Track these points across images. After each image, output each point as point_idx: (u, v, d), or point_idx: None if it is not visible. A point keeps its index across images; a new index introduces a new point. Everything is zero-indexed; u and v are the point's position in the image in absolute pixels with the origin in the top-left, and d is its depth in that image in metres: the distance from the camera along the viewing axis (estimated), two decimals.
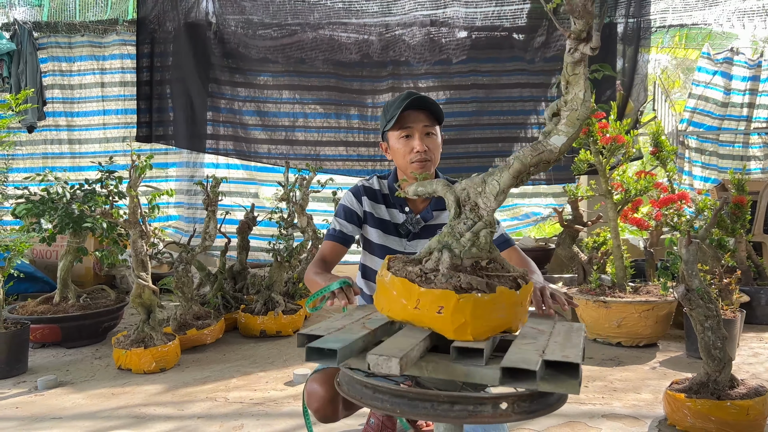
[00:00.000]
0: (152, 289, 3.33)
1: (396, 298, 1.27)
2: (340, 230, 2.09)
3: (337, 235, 2.08)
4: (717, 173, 6.56)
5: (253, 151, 5.75)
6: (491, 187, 1.32)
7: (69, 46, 6.02)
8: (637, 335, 3.64)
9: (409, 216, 2.07)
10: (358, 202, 2.12)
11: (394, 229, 2.10)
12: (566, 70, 1.24)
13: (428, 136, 1.96)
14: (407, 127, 1.95)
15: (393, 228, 2.10)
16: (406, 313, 1.26)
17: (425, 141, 1.95)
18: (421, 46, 5.73)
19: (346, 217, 2.10)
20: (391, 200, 2.10)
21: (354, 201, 2.12)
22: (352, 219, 2.10)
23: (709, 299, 2.38)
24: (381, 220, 2.10)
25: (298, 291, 4.54)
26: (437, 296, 1.22)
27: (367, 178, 2.19)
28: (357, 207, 2.11)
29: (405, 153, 1.97)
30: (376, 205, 2.11)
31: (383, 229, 2.10)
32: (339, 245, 2.08)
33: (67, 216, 3.63)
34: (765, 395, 2.33)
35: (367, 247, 2.17)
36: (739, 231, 4.07)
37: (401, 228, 2.08)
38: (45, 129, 6.12)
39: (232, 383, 3.10)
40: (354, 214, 2.10)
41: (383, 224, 2.10)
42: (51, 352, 3.70)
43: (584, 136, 3.78)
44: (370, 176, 2.19)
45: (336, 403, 1.79)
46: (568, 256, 4.48)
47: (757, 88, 6.63)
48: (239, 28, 5.59)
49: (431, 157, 1.97)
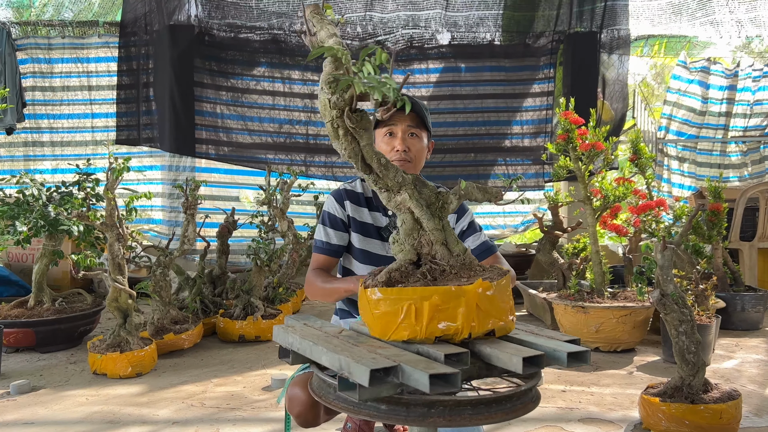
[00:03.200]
0: (129, 293, 3.29)
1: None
2: (326, 242, 2.05)
3: (324, 248, 2.06)
4: (695, 181, 6.65)
5: (237, 154, 5.72)
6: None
7: (48, 48, 5.95)
8: (615, 340, 3.66)
9: (392, 219, 2.04)
10: (341, 206, 2.07)
11: (377, 233, 2.06)
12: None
13: (411, 136, 1.96)
14: (390, 125, 1.95)
15: (375, 231, 2.06)
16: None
17: (407, 141, 1.95)
18: (403, 53, 5.77)
19: (331, 224, 2.07)
20: (374, 203, 2.07)
21: (337, 206, 2.08)
22: (337, 225, 2.06)
23: (684, 304, 2.41)
24: (363, 224, 2.07)
25: (278, 296, 4.51)
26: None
27: (349, 182, 2.15)
28: (340, 212, 2.07)
29: (387, 152, 1.96)
30: (358, 209, 2.07)
31: (365, 233, 2.06)
32: (329, 258, 2.06)
33: (42, 218, 3.58)
34: (738, 399, 2.36)
35: (348, 250, 2.12)
36: (715, 238, 4.12)
37: (384, 231, 2.05)
38: (26, 131, 6.04)
39: (209, 388, 3.07)
40: (338, 220, 2.07)
41: (365, 228, 2.06)
42: (25, 357, 3.64)
43: (564, 143, 3.82)
44: (352, 179, 2.15)
45: (317, 408, 1.77)
46: (548, 261, 4.51)
47: (734, 98, 6.75)
48: (222, 31, 5.57)
49: (412, 158, 1.95)
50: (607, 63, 5.69)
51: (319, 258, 2.07)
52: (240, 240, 5.35)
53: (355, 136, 1.28)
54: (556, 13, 5.64)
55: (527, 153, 5.92)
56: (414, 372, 1.05)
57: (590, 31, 5.62)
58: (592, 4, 5.58)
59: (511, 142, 5.93)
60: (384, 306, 1.22)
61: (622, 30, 5.66)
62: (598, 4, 5.56)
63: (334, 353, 1.14)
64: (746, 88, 6.73)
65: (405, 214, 1.34)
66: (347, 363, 1.09)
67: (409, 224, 1.34)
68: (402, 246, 1.34)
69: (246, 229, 5.01)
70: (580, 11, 5.61)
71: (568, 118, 3.78)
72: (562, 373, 3.26)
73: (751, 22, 5.88)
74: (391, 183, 1.33)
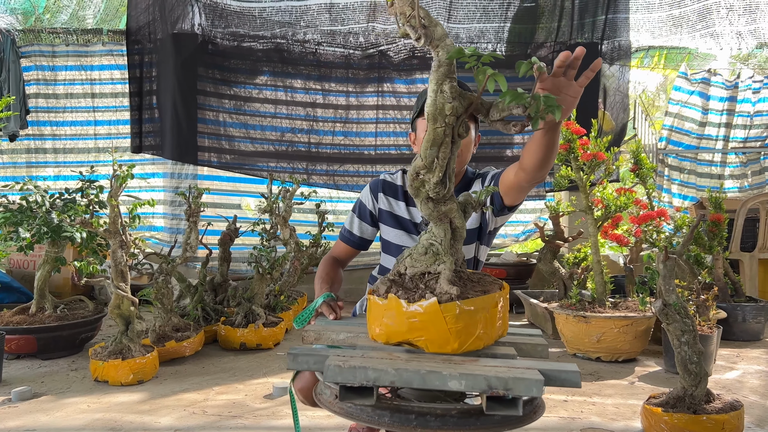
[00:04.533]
0: (131, 300, 3.30)
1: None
2: (350, 231, 2.04)
3: (346, 236, 2.04)
4: (695, 191, 6.67)
5: (240, 162, 5.74)
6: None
7: (52, 55, 5.98)
8: (617, 350, 3.66)
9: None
10: (374, 198, 2.03)
11: (415, 229, 1.99)
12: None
13: None
14: None
15: (413, 227, 2.00)
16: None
17: None
18: (405, 62, 5.81)
19: (360, 214, 2.04)
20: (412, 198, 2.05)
21: (370, 197, 2.04)
22: (365, 216, 2.03)
23: (686, 314, 2.42)
24: (399, 219, 2.01)
25: (280, 303, 4.51)
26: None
27: (391, 172, 2.09)
28: (371, 204, 2.03)
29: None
30: (395, 202, 2.01)
31: (403, 228, 2.00)
32: (350, 248, 2.04)
33: (45, 225, 3.59)
34: (740, 410, 2.36)
35: (384, 248, 2.06)
36: (716, 248, 4.13)
37: (420, 227, 1.99)
38: (28, 138, 6.06)
39: (210, 395, 3.07)
40: (366, 211, 2.03)
41: (401, 223, 2.00)
42: (26, 364, 3.64)
43: (565, 152, 3.83)
44: (395, 171, 2.09)
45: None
46: (549, 271, 4.51)
47: (734, 109, 6.78)
48: (225, 40, 5.60)
49: (460, 152, 1.84)
50: (607, 74, 5.72)
51: (339, 246, 2.05)
52: (242, 248, 5.36)
53: (454, 144, 1.24)
54: (557, 25, 5.68)
55: None
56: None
57: (591, 42, 5.65)
58: (593, 17, 5.62)
59: (512, 152, 5.95)
60: (466, 318, 1.20)
61: (623, 41, 5.69)
62: (599, 17, 5.60)
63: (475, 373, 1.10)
64: (746, 99, 6.77)
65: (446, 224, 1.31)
66: (504, 380, 1.08)
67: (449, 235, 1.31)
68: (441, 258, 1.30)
69: (248, 237, 5.02)
70: (581, 23, 5.65)
71: (569, 128, 3.80)
72: None
73: (751, 34, 5.91)
74: (446, 192, 1.29)
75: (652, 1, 5.74)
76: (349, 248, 2.05)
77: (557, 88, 1.31)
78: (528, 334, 1.50)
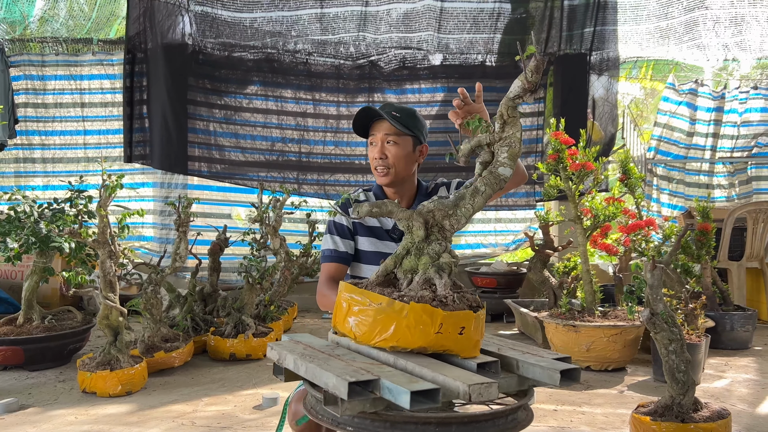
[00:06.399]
0: (120, 311, 3.28)
1: (413, 325, 1.23)
2: (335, 250, 2.13)
3: (333, 256, 2.13)
4: (684, 201, 6.72)
5: (230, 172, 5.73)
6: (464, 211, 1.38)
7: (42, 65, 5.96)
8: (606, 359, 3.68)
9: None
10: (346, 214, 2.16)
11: (386, 235, 2.15)
12: (505, 111, 1.40)
13: (390, 144, 2.05)
14: (371, 135, 2.08)
15: (385, 233, 2.16)
16: (427, 339, 1.23)
17: (385, 148, 2.05)
18: (396, 73, 5.83)
19: (338, 232, 2.15)
20: None
21: (341, 216, 2.17)
22: (344, 233, 2.15)
23: (674, 323, 2.43)
24: (371, 228, 2.16)
25: (270, 314, 4.50)
26: (460, 317, 1.24)
27: (354, 192, 2.26)
28: (345, 220, 2.17)
29: (371, 159, 2.10)
30: None
31: (376, 236, 2.16)
32: (339, 265, 2.13)
33: (33, 235, 3.56)
34: (728, 418, 2.37)
35: (356, 257, 2.20)
36: (704, 257, 4.16)
37: (392, 232, 2.14)
38: (17, 147, 6.02)
39: (199, 406, 3.05)
40: (344, 228, 2.16)
41: (374, 231, 2.16)
42: (13, 375, 3.60)
43: (554, 162, 3.86)
44: (355, 191, 2.26)
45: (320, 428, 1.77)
46: (539, 280, 4.53)
47: (721, 119, 6.85)
48: (216, 50, 5.61)
49: (390, 164, 2.06)
50: (596, 84, 5.77)
51: (329, 267, 2.13)
52: (231, 258, 5.34)
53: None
54: (546, 36, 5.73)
55: None
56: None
57: (580, 53, 5.70)
58: (581, 29, 5.68)
59: None
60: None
61: (611, 53, 5.75)
62: (587, 29, 5.65)
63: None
64: (733, 110, 6.84)
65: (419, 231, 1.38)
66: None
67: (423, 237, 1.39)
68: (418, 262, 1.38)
69: (238, 247, 5.00)
70: (570, 35, 5.70)
71: (558, 138, 3.83)
72: (553, 393, 3.26)
73: (737, 45, 5.99)
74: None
75: (640, 13, 5.81)
76: (341, 266, 2.13)
77: (474, 112, 1.72)
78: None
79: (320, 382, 1.14)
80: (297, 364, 1.24)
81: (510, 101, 1.36)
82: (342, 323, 1.33)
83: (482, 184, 1.39)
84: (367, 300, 1.28)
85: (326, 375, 1.11)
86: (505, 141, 1.40)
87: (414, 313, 1.23)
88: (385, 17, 5.64)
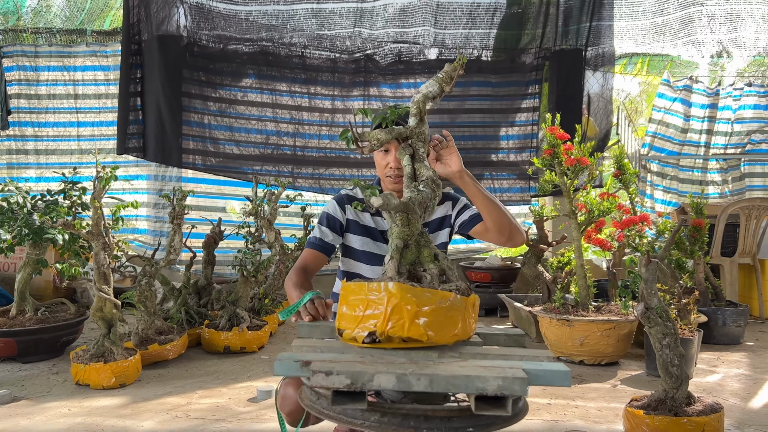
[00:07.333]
0: (114, 303, 3.26)
1: (470, 315, 1.33)
2: (321, 239, 2.16)
3: (318, 244, 2.16)
4: (677, 197, 6.75)
5: (224, 165, 5.71)
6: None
7: (35, 55, 5.92)
8: (600, 353, 3.69)
9: None
10: (341, 210, 2.20)
11: (381, 236, 2.18)
12: (422, 108, 1.73)
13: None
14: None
15: (379, 234, 2.18)
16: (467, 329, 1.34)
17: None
18: (391, 67, 5.82)
19: (328, 224, 2.18)
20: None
21: (337, 209, 2.20)
22: (335, 227, 2.18)
23: (667, 318, 2.44)
24: (366, 228, 2.18)
25: (264, 307, 4.50)
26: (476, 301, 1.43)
27: (350, 188, 2.27)
28: (339, 215, 2.19)
29: (382, 167, 2.10)
30: (361, 213, 2.19)
31: (370, 236, 2.18)
32: (320, 254, 2.15)
33: (26, 227, 3.54)
34: (720, 412, 2.39)
35: (348, 254, 2.23)
36: (697, 253, 4.19)
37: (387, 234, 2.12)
38: (9, 139, 5.98)
39: (194, 399, 3.05)
40: (336, 222, 2.18)
41: (369, 231, 2.18)
42: (6, 367, 3.59)
43: (549, 157, 3.86)
44: (353, 186, 2.24)
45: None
46: (533, 275, 4.54)
47: (715, 116, 6.88)
48: (211, 42, 5.58)
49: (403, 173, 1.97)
50: (591, 80, 5.78)
51: (308, 253, 2.16)
52: (226, 251, 5.33)
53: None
54: (542, 31, 5.73)
55: (513, 167, 5.97)
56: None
57: (575, 48, 5.71)
58: (577, 24, 5.68)
59: (497, 157, 5.99)
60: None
61: (607, 48, 5.76)
62: (583, 24, 5.66)
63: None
64: (727, 106, 6.87)
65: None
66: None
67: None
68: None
69: (232, 240, 4.99)
70: (566, 30, 5.70)
71: (553, 133, 3.83)
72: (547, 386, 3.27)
73: (732, 42, 6.01)
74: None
75: (636, 9, 5.82)
76: (320, 255, 2.16)
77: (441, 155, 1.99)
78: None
79: (472, 388, 1.11)
80: (407, 380, 1.11)
81: (425, 98, 1.46)
82: (405, 327, 1.24)
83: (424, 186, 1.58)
84: (436, 298, 1.26)
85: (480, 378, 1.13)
86: (420, 137, 1.61)
87: (471, 305, 1.33)
88: (382, 12, 5.63)
